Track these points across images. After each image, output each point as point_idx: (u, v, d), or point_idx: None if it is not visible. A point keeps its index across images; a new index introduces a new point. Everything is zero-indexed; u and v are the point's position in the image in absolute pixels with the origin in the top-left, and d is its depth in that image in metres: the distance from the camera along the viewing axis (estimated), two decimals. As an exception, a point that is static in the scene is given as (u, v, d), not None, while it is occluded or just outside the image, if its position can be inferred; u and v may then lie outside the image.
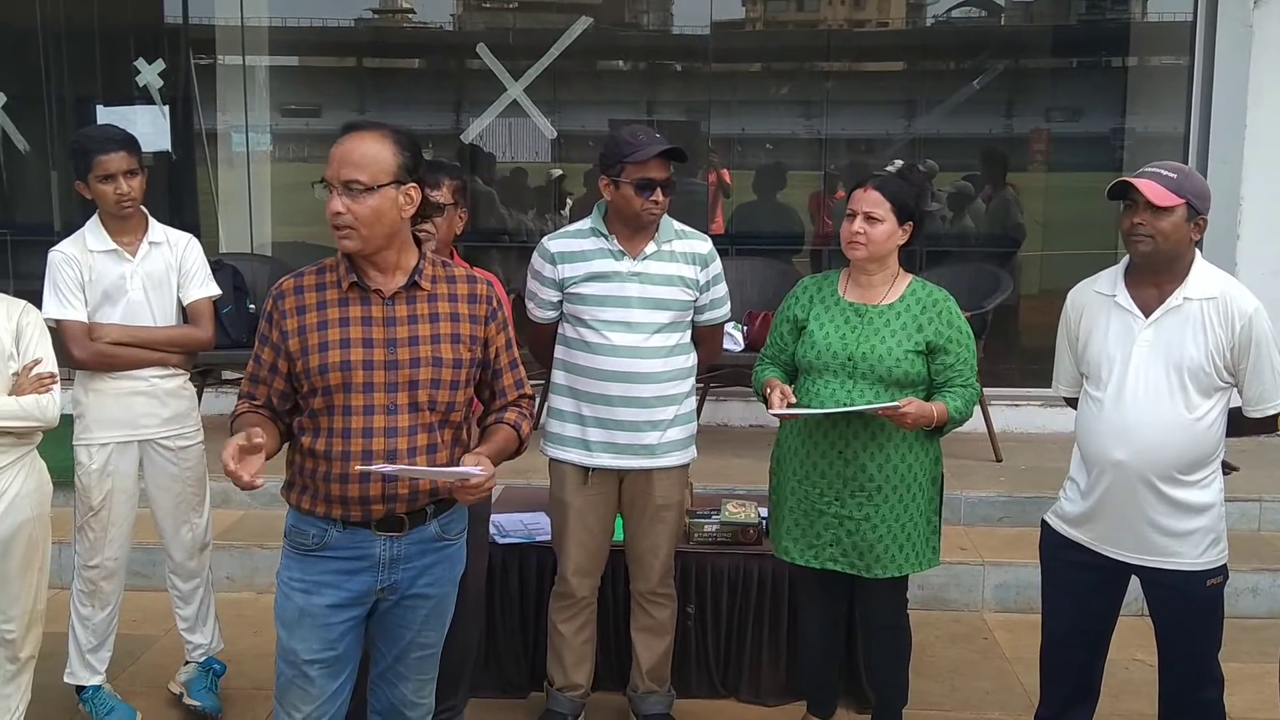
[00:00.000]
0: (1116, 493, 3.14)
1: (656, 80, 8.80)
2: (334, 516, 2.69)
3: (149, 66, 7.07)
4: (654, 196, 3.52)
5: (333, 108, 8.91)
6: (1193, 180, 3.06)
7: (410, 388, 2.67)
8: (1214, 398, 3.08)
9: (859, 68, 9.05)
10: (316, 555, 2.71)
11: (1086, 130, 8.49)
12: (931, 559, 3.53)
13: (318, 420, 2.67)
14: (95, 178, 3.69)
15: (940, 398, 3.37)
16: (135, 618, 4.48)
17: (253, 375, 2.74)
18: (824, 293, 3.52)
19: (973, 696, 4.28)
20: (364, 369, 2.64)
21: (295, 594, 2.72)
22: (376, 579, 2.73)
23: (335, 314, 2.66)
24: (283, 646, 2.75)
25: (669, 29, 8.60)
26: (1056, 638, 3.42)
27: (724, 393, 6.44)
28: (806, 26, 8.74)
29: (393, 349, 2.67)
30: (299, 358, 2.65)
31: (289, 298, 2.69)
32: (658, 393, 3.62)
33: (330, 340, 2.64)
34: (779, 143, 8.65)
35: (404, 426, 2.67)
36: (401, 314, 2.69)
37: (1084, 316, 3.25)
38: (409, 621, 2.82)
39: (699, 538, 4.16)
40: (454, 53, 8.74)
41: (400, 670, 2.87)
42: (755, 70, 8.74)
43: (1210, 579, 3.14)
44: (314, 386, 2.65)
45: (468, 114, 7.89)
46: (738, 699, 4.17)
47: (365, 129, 2.64)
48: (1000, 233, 7.90)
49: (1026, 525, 5.40)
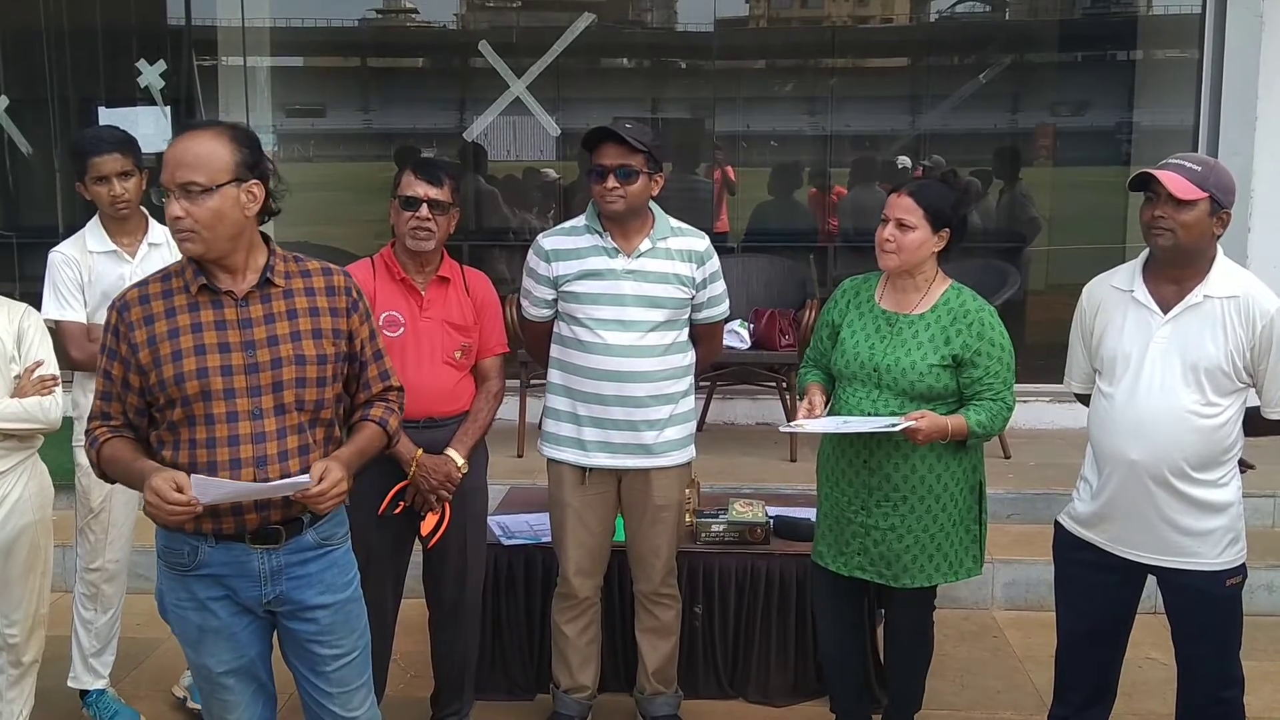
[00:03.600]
0: (1131, 492, 3.09)
1: (660, 77, 8.76)
2: (204, 531, 2.55)
3: (151, 68, 7.04)
4: (606, 183, 3.44)
5: (336, 108, 8.90)
6: (1218, 173, 2.99)
7: (275, 389, 2.58)
8: (1231, 397, 3.02)
9: (863, 64, 8.99)
10: (195, 574, 2.59)
11: (1093, 124, 8.44)
12: (972, 568, 3.46)
13: (178, 432, 2.55)
14: (90, 179, 3.67)
15: (964, 411, 3.28)
16: (139, 620, 4.45)
17: (104, 393, 2.60)
18: (861, 298, 3.44)
19: (984, 696, 4.24)
20: (222, 375, 2.54)
21: (189, 613, 2.62)
22: (261, 592, 2.63)
23: (186, 320, 2.55)
24: (193, 664, 2.70)
25: (672, 26, 8.56)
26: (1072, 639, 3.37)
27: (730, 391, 6.40)
28: (811, 23, 8.69)
29: (251, 351, 2.56)
30: (151, 370, 2.52)
31: (135, 308, 2.56)
32: (653, 392, 3.57)
33: (183, 348, 2.53)
34: (783, 140, 8.61)
35: (272, 430, 2.57)
36: (257, 314, 2.59)
37: (1099, 311, 3.20)
38: (312, 634, 2.69)
39: (706, 537, 4.12)
40: (457, 51, 8.70)
41: (322, 687, 2.73)
42: (759, 67, 8.69)
43: (1229, 579, 3.09)
44: (170, 398, 2.52)
45: (470, 112, 7.85)
46: (746, 700, 4.13)
47: (200, 128, 2.56)
48: (1015, 228, 7.85)
49: (1036, 522, 5.37)
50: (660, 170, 3.57)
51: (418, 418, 3.42)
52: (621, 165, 3.45)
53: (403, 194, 3.42)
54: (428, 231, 3.41)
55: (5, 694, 3.51)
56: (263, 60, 7.97)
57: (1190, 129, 6.61)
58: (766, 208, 7.92)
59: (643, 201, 3.55)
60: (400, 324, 3.45)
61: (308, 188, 8.00)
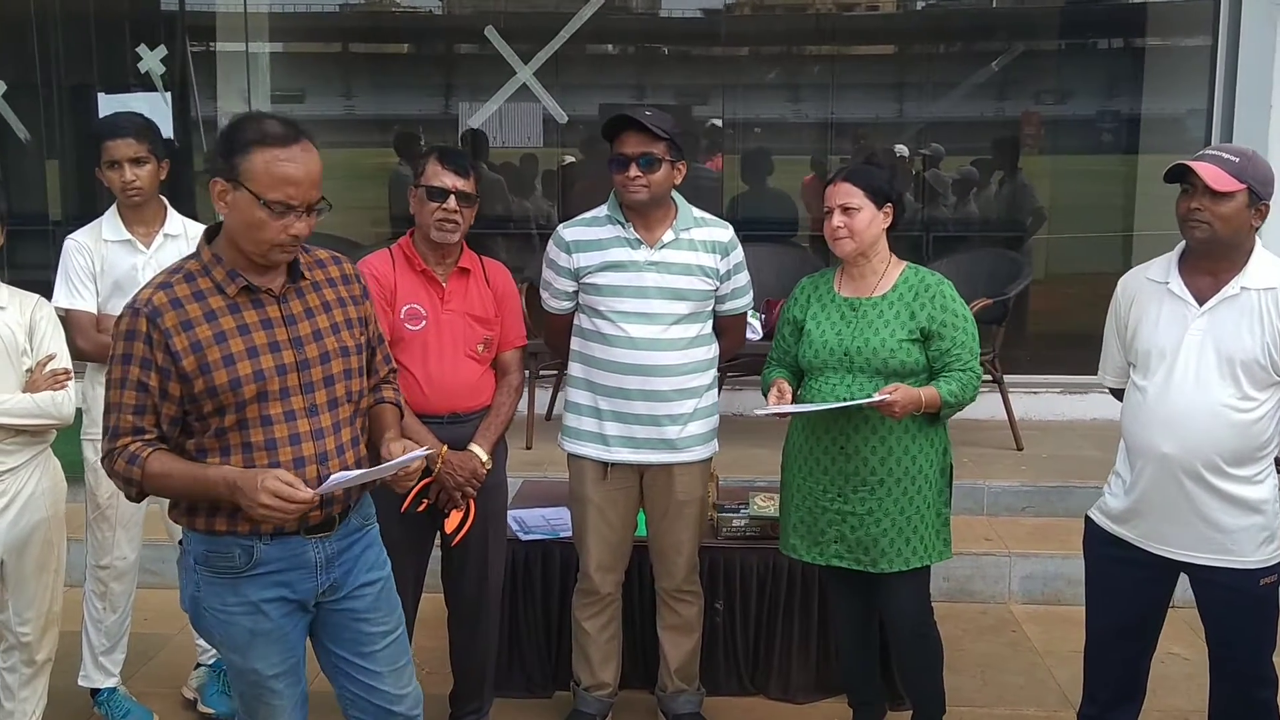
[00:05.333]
0: (1163, 487, 3.04)
1: (664, 64, 8.68)
2: (263, 531, 2.50)
3: (151, 53, 6.94)
4: (629, 172, 3.38)
5: (332, 94, 8.80)
6: (1256, 164, 2.94)
7: (326, 384, 2.56)
8: (1268, 391, 2.97)
9: (864, 51, 8.95)
10: (249, 575, 2.53)
11: (1100, 112, 8.39)
12: (943, 551, 3.45)
13: (227, 438, 2.48)
14: (104, 163, 3.60)
15: (935, 383, 3.30)
16: (147, 616, 4.38)
17: (138, 406, 2.44)
18: (820, 291, 3.46)
19: (1006, 692, 4.20)
20: (278, 375, 2.49)
21: (239, 619, 2.54)
22: (317, 582, 2.60)
23: (230, 323, 2.47)
24: (238, 669, 2.60)
25: (678, 11, 8.48)
26: (1101, 636, 3.32)
27: (741, 381, 6.34)
28: (820, 9, 8.61)
29: (300, 348, 2.53)
30: (197, 377, 2.43)
31: (168, 314, 2.43)
32: (676, 386, 3.51)
33: (234, 352, 2.46)
34: (786, 127, 8.55)
35: (328, 426, 2.55)
36: (298, 310, 2.56)
37: (1134, 304, 3.14)
38: (361, 612, 2.68)
39: (727, 532, 4.07)
40: (457, 37, 8.61)
41: (372, 669, 2.71)
42: (761, 54, 8.62)
43: (1264, 578, 3.03)
44: (221, 404, 2.45)
45: (469, 99, 7.76)
46: (767, 696, 4.09)
47: (307, 139, 2.48)
48: (1016, 218, 7.80)
49: (1051, 515, 5.35)
50: (683, 158, 3.51)
51: (441, 413, 3.36)
52: (644, 153, 3.39)
53: (429, 184, 3.35)
54: (454, 224, 3.34)
55: (18, 693, 3.45)
56: (262, 46, 7.88)
57: (1201, 117, 6.56)
58: (766, 195, 7.86)
59: (665, 191, 3.49)
60: (422, 317, 3.38)
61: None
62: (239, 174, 2.42)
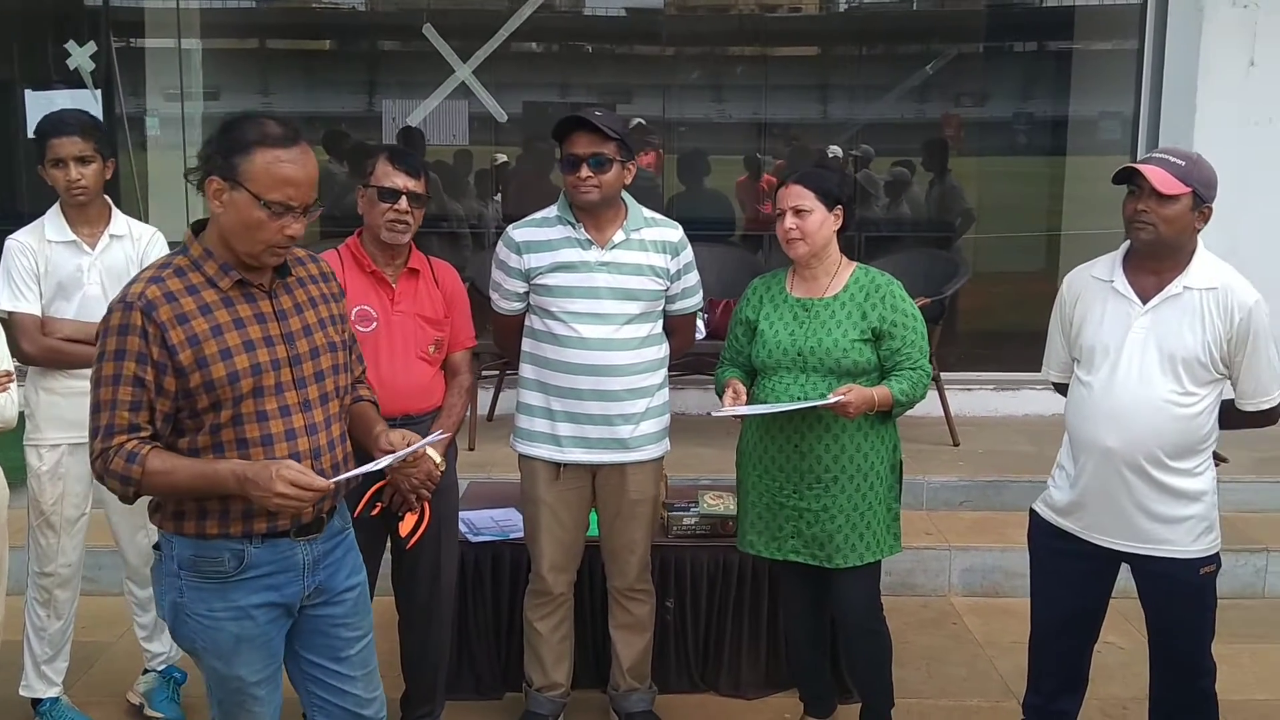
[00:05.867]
0: (1107, 479, 3.12)
1: (601, 63, 8.69)
2: (255, 532, 2.49)
3: (80, 49, 6.79)
4: (580, 173, 3.39)
5: (263, 91, 8.67)
6: (1201, 168, 3.02)
7: (318, 379, 2.56)
8: (1207, 388, 3.06)
9: (798, 52, 9.04)
10: (238, 580, 2.50)
11: (1028, 114, 8.57)
12: (894, 545, 3.52)
13: (221, 435, 2.45)
14: (48, 161, 3.53)
15: (886, 381, 3.36)
16: (86, 624, 4.27)
17: (133, 403, 2.39)
18: (772, 291, 3.51)
19: (950, 683, 4.28)
20: (273, 369, 2.48)
21: (224, 624, 2.51)
22: (303, 585, 2.59)
23: (225, 316, 2.45)
24: (221, 676, 2.56)
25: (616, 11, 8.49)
26: (1046, 626, 3.40)
27: (683, 381, 6.37)
28: (759, 11, 8.67)
29: (292, 344, 2.53)
30: (193, 371, 2.40)
31: (163, 307, 2.39)
32: (629, 385, 3.53)
33: (231, 346, 2.44)
34: (723, 128, 8.60)
35: (320, 421, 2.55)
36: (288, 305, 2.56)
37: (1079, 301, 3.22)
38: (339, 617, 2.67)
39: (678, 531, 4.09)
40: (390, 34, 8.54)
41: (344, 673, 2.70)
42: (700, 54, 8.66)
43: (1204, 567, 3.13)
44: (218, 399, 2.43)
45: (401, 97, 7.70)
46: (718, 693, 4.12)
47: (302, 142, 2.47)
48: (946, 218, 7.94)
49: (988, 509, 5.46)
50: (632, 158, 3.52)
51: (393, 415, 3.31)
52: (594, 154, 3.40)
53: (380, 184, 3.32)
54: (405, 224, 3.33)
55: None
56: (192, 42, 7.76)
57: (1129, 119, 6.72)
58: (703, 196, 7.90)
59: (616, 191, 3.50)
60: (373, 318, 3.36)
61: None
62: (238, 174, 2.40)
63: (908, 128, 8.48)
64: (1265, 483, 5.48)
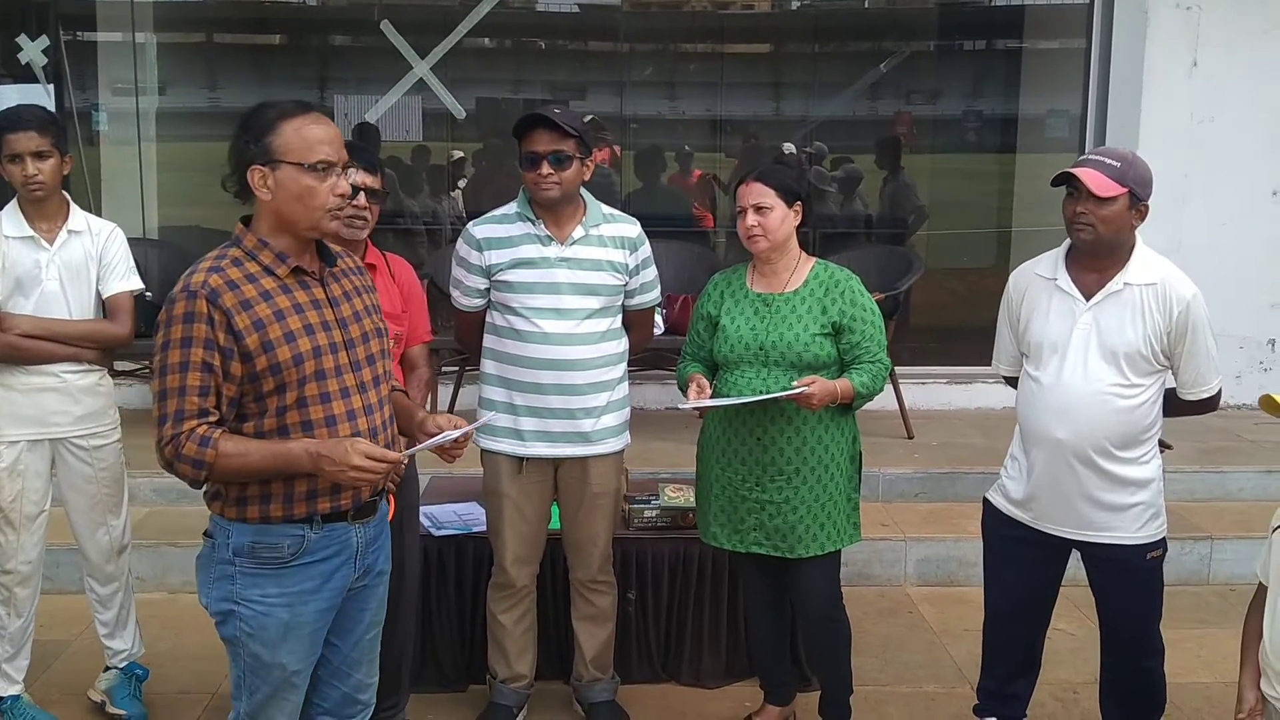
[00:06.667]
0: (1056, 470, 3.22)
1: (558, 59, 8.71)
2: (318, 512, 2.56)
3: (32, 44, 6.71)
4: (540, 170, 3.43)
5: (218, 85, 8.61)
6: (1136, 168, 3.12)
7: (369, 363, 2.65)
8: (1150, 379, 3.16)
9: (754, 50, 9.09)
10: (295, 565, 2.56)
11: (978, 111, 8.68)
12: (854, 534, 3.59)
13: (285, 418, 2.52)
14: (5, 156, 3.51)
15: (847, 375, 3.43)
16: (45, 622, 4.24)
17: (202, 388, 2.44)
18: (733, 287, 3.56)
19: (906, 670, 4.36)
20: (331, 353, 2.56)
21: (277, 610, 2.56)
22: (354, 569, 2.67)
23: (286, 302, 2.52)
24: (264, 664, 2.59)
25: (574, 7, 8.52)
26: (999, 612, 3.49)
27: (643, 376, 6.42)
28: (706, 8, 8.73)
29: (345, 329, 2.61)
30: (259, 355, 2.46)
31: (226, 294, 2.46)
32: (590, 379, 3.57)
33: (294, 329, 2.51)
34: (679, 124, 8.65)
35: (374, 402, 2.64)
36: (336, 293, 2.64)
37: (1025, 298, 3.31)
38: (369, 602, 2.77)
39: (639, 523, 4.15)
40: (351, 29, 8.51)
41: (355, 657, 2.78)
42: (656, 51, 8.71)
43: (1150, 552, 3.24)
44: (284, 381, 2.49)
45: (356, 93, 7.68)
46: (679, 682, 4.18)
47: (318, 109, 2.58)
48: (899, 215, 8.04)
49: (943, 500, 5.55)
50: (591, 155, 3.56)
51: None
52: (554, 151, 3.44)
53: (340, 181, 3.33)
54: (364, 220, 3.34)
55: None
56: (146, 35, 7.68)
57: (1077, 117, 6.85)
58: (660, 192, 7.95)
59: (576, 188, 3.54)
60: (336, 314, 3.37)
61: (192, 169, 7.76)
62: (274, 152, 2.49)
63: (861, 125, 8.57)
64: (1209, 473, 5.62)
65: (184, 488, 2.71)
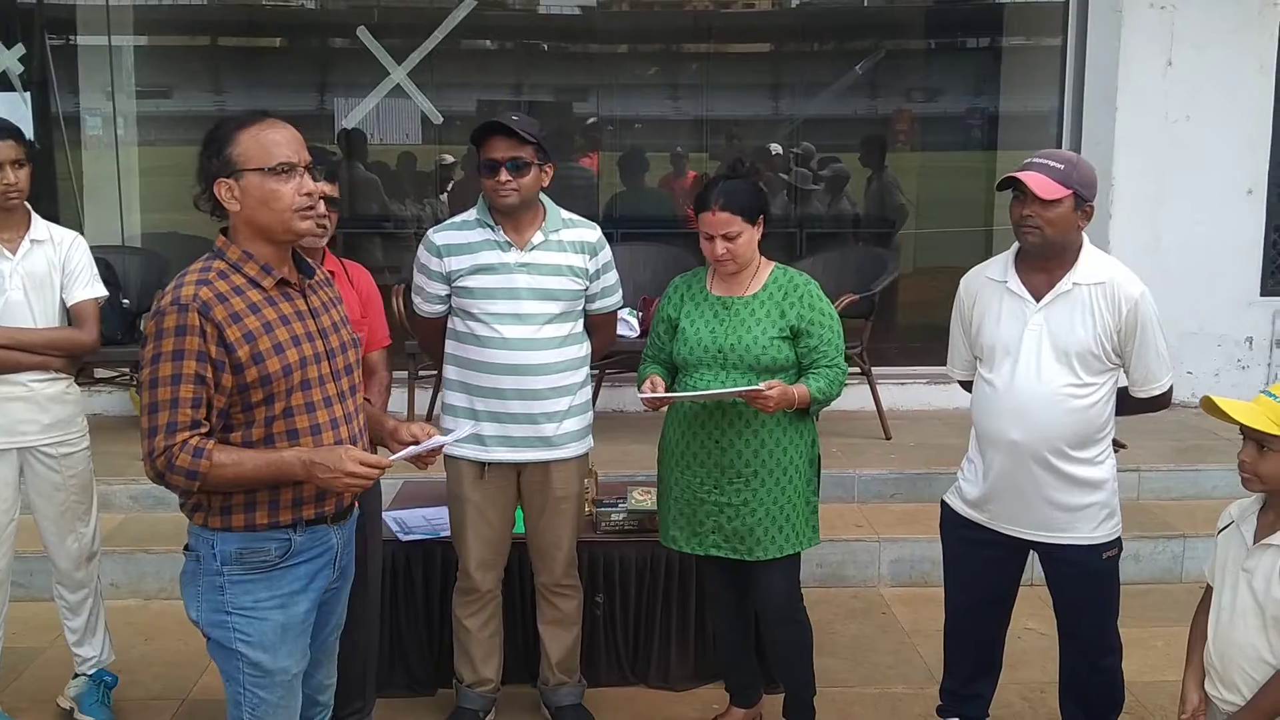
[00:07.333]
0: (1013, 471, 3.23)
1: (539, 62, 8.71)
2: (303, 518, 2.60)
3: (8, 51, 6.72)
4: (499, 177, 3.45)
5: (198, 89, 8.61)
6: (1080, 169, 3.14)
7: (347, 373, 2.70)
8: (1102, 378, 3.18)
9: (736, 49, 9.10)
10: (282, 568, 2.60)
11: (960, 110, 8.69)
12: (812, 537, 3.60)
13: (273, 427, 2.55)
14: None
15: (804, 380, 3.44)
16: (16, 630, 4.28)
17: (195, 399, 2.46)
18: (693, 290, 3.58)
19: (875, 671, 4.37)
20: (315, 363, 2.60)
21: (271, 613, 2.59)
22: (333, 570, 2.72)
23: (273, 314, 2.56)
24: (265, 670, 2.61)
25: (553, 9, 8.53)
26: (959, 613, 3.51)
27: (620, 379, 6.44)
28: (687, 8, 8.74)
29: (326, 339, 2.65)
30: (250, 366, 2.49)
31: (217, 307, 2.48)
32: (552, 384, 3.59)
33: (282, 341, 2.55)
34: (660, 125, 8.65)
35: (352, 411, 2.69)
36: (315, 303, 2.68)
37: (976, 302, 3.33)
38: (337, 605, 2.83)
39: (606, 526, 4.16)
40: (331, 34, 8.52)
41: (317, 658, 2.82)
42: (638, 51, 8.72)
43: (1106, 552, 3.26)
44: (273, 392, 2.53)
45: (345, 97, 7.70)
46: (647, 685, 4.19)
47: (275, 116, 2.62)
48: (884, 214, 8.05)
49: (919, 501, 5.55)
50: (550, 161, 3.58)
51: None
52: (512, 158, 3.45)
53: (297, 190, 3.34)
54: (324, 228, 3.36)
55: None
56: (125, 40, 7.69)
57: (1054, 116, 6.86)
58: (644, 195, 7.96)
59: (534, 193, 3.56)
60: (295, 321, 3.38)
61: (173, 174, 7.76)
62: (235, 162, 2.52)
63: (846, 123, 8.57)
64: (1183, 471, 5.63)
65: (160, 494, 2.75)
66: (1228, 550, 2.74)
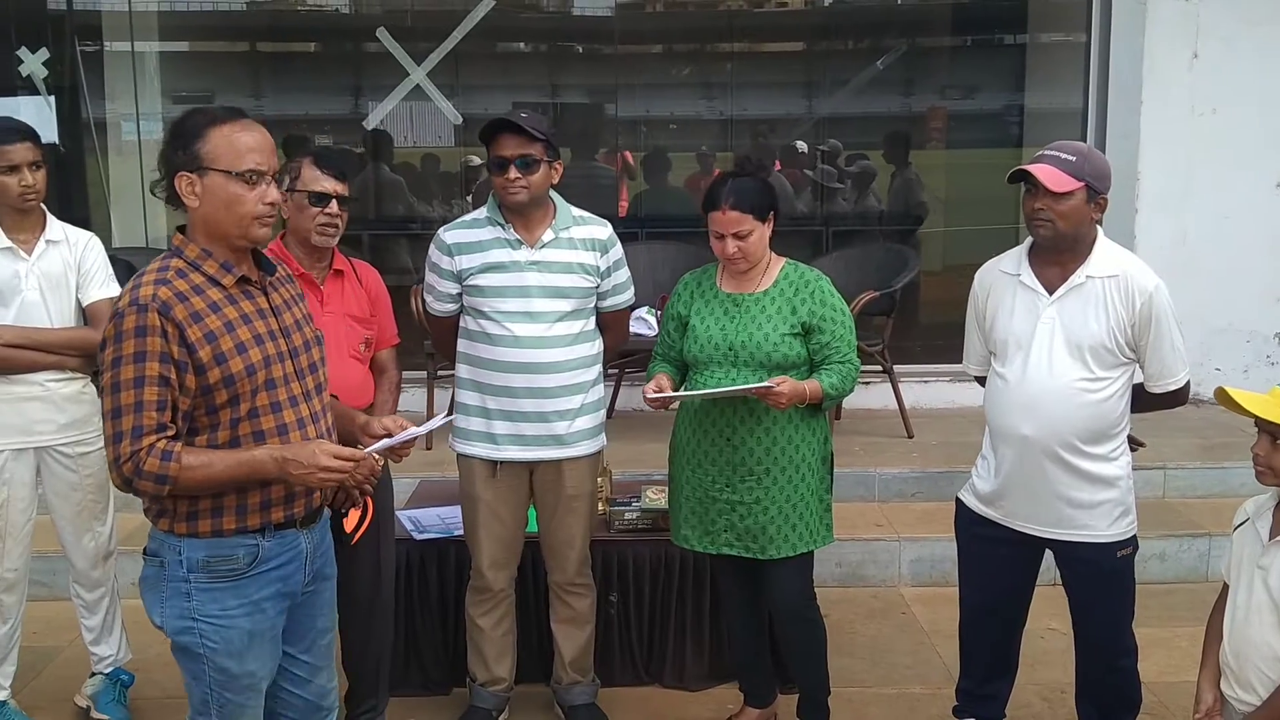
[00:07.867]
0: (1026, 467, 3.19)
1: (561, 63, 8.72)
2: (272, 522, 2.57)
3: (33, 56, 6.78)
4: (508, 174, 3.44)
5: (226, 94, 8.67)
6: (1092, 161, 3.10)
7: (311, 372, 2.66)
8: (1116, 372, 3.13)
9: (762, 48, 9.07)
10: (250, 575, 2.56)
11: (985, 107, 8.61)
12: (825, 536, 3.57)
13: (238, 429, 2.51)
14: (1, 168, 3.55)
15: (816, 375, 3.41)
16: (37, 629, 4.33)
17: (159, 402, 2.40)
18: (703, 287, 3.56)
19: (893, 672, 4.33)
20: (279, 362, 2.56)
21: (239, 620, 2.55)
22: (304, 575, 2.68)
23: (234, 313, 2.51)
24: (232, 675, 2.58)
25: (572, 10, 8.53)
26: (974, 612, 3.48)
27: (639, 378, 6.41)
28: (710, 7, 8.72)
29: (289, 338, 2.61)
30: (213, 367, 2.45)
31: (177, 306, 2.43)
32: (563, 382, 3.58)
33: (244, 340, 2.50)
34: (685, 124, 8.63)
35: (318, 410, 2.65)
36: (278, 302, 2.64)
37: (990, 296, 3.30)
38: (320, 608, 2.79)
39: (620, 525, 4.14)
40: (353, 36, 8.56)
41: (314, 664, 2.80)
42: (660, 52, 8.71)
43: (1120, 550, 3.21)
44: (237, 393, 2.49)
45: (368, 99, 7.73)
46: (661, 685, 4.17)
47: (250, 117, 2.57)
48: (904, 210, 7.99)
49: (940, 500, 5.48)
50: (559, 158, 3.57)
51: (328, 414, 3.37)
52: (521, 155, 3.45)
53: (310, 189, 3.35)
54: (336, 227, 3.37)
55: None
56: (151, 45, 7.76)
57: (1079, 112, 6.78)
58: (664, 192, 7.94)
59: (544, 191, 3.55)
60: (305, 320, 3.39)
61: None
62: (202, 159, 2.46)
63: (871, 120, 8.52)
64: (1209, 469, 5.55)
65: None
66: (1243, 547, 2.70)
